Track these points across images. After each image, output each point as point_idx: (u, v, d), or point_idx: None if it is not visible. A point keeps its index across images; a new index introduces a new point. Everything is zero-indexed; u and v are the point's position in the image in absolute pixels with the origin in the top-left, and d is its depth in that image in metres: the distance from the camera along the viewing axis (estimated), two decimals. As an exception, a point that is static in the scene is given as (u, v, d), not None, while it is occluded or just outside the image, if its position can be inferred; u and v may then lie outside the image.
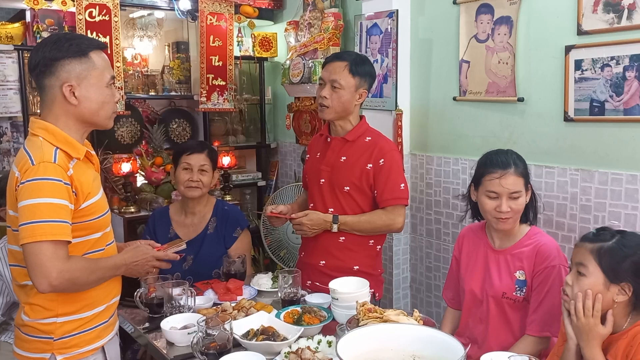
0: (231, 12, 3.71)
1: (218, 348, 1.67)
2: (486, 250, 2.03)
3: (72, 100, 1.63)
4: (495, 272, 1.98)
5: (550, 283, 1.88)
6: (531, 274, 1.92)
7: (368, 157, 2.31)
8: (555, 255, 1.90)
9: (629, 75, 2.16)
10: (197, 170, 2.52)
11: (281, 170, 4.23)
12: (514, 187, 1.91)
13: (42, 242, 1.51)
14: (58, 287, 1.55)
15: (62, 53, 1.62)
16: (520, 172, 1.94)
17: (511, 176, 1.91)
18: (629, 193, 2.21)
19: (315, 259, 2.40)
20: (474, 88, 2.74)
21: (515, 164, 1.94)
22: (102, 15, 3.21)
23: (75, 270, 1.57)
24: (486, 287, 1.99)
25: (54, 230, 1.52)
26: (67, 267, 1.54)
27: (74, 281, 1.58)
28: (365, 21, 3.17)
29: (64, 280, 1.54)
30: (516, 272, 1.94)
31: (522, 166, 1.96)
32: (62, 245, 1.55)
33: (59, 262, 1.52)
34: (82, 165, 1.68)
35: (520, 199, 1.92)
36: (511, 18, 2.54)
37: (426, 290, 3.14)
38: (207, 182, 2.55)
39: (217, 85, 3.72)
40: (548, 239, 1.97)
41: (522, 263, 1.94)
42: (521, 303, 1.93)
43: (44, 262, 1.51)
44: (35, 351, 1.65)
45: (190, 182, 2.51)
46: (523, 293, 1.92)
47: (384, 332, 1.50)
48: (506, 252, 1.98)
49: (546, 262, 1.89)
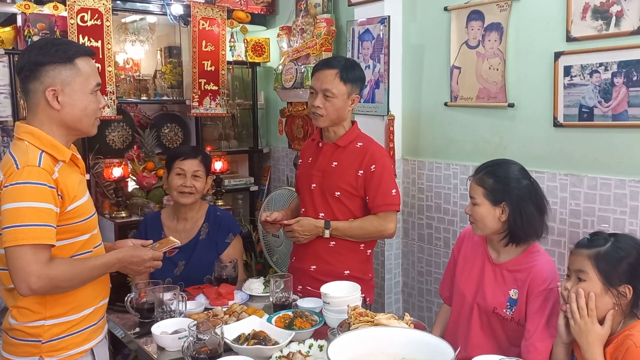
0: (224, 17, 3.72)
1: (209, 353, 1.67)
2: (484, 260, 2.01)
3: (54, 105, 1.63)
4: (489, 285, 1.96)
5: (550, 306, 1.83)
6: (525, 297, 1.87)
7: (359, 163, 2.32)
8: (553, 277, 1.86)
9: (617, 81, 2.19)
10: (190, 176, 2.51)
11: (273, 175, 4.23)
12: (472, 192, 1.95)
13: (23, 246, 1.51)
14: (38, 290, 1.55)
15: (48, 58, 1.62)
16: (479, 182, 1.93)
17: (472, 183, 1.96)
18: (618, 197, 2.23)
19: (306, 264, 2.40)
20: (465, 94, 2.76)
21: (488, 174, 1.93)
22: (94, 20, 3.20)
23: (57, 274, 1.57)
24: (478, 298, 1.98)
25: (35, 234, 1.52)
26: (46, 271, 1.54)
27: (56, 284, 1.58)
28: (358, 27, 3.19)
29: (44, 284, 1.54)
30: (510, 290, 1.91)
31: (490, 180, 1.92)
32: (43, 249, 1.55)
33: (39, 266, 1.52)
34: (68, 169, 1.68)
35: (475, 207, 1.92)
36: (501, 24, 2.56)
37: (418, 294, 3.15)
38: (200, 188, 2.54)
39: (210, 90, 3.72)
40: (546, 261, 1.91)
41: (517, 283, 1.90)
42: (509, 321, 1.91)
43: (24, 266, 1.51)
44: (24, 355, 1.65)
45: (184, 187, 2.50)
46: (512, 312, 1.89)
47: (375, 335, 1.50)
48: (503, 267, 1.94)
49: (544, 285, 1.84)
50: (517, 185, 1.90)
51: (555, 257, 2.41)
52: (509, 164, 1.98)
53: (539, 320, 1.82)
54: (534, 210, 1.89)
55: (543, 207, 1.93)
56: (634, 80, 2.14)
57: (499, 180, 1.91)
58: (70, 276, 1.61)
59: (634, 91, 2.15)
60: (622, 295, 1.58)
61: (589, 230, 2.29)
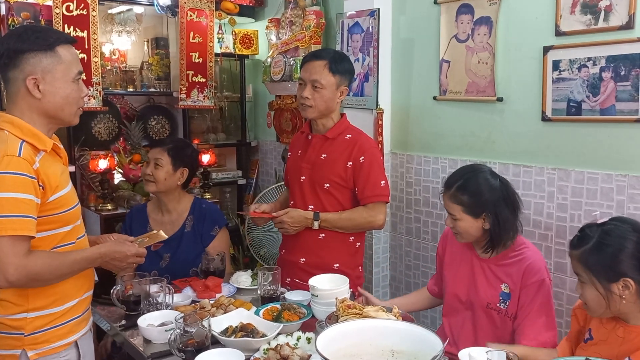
0: (212, 8, 3.68)
1: (196, 345, 1.65)
2: (471, 257, 2.01)
3: (35, 94, 1.60)
4: (480, 281, 1.96)
5: (540, 297, 1.85)
6: (518, 290, 1.88)
7: (348, 155, 2.31)
8: (543, 270, 1.87)
9: (605, 76, 2.20)
10: (152, 164, 2.50)
11: (262, 168, 4.21)
12: (450, 209, 1.95)
13: (1, 237, 1.48)
14: (16, 283, 1.52)
15: (28, 45, 1.59)
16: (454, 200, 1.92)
17: (446, 199, 1.96)
18: (605, 192, 2.25)
19: (295, 256, 2.39)
20: (454, 88, 2.77)
21: (460, 190, 1.91)
22: (80, 10, 3.15)
23: (35, 266, 1.54)
24: (471, 295, 1.98)
25: (14, 225, 1.49)
26: (24, 263, 1.51)
27: (35, 277, 1.55)
28: (347, 20, 3.18)
29: (22, 276, 1.51)
30: (502, 285, 1.92)
31: (464, 197, 1.90)
32: (21, 241, 1.52)
33: (16, 258, 1.50)
34: (50, 159, 1.65)
35: (457, 221, 1.93)
36: (491, 18, 2.56)
37: (405, 288, 3.15)
38: (160, 177, 2.48)
39: (197, 82, 3.69)
40: (533, 253, 1.92)
41: (508, 278, 1.91)
42: (504, 315, 1.92)
43: (1, 257, 1.48)
44: (6, 347, 1.62)
45: (144, 175, 2.52)
46: (506, 306, 1.90)
47: (363, 328, 1.50)
48: (491, 262, 1.96)
49: (535, 277, 1.86)
50: (491, 194, 1.90)
51: (543, 250, 2.42)
52: (477, 174, 1.95)
53: (529, 309, 1.85)
54: (509, 214, 1.90)
55: (516, 205, 1.93)
56: (622, 75, 2.15)
57: (473, 195, 1.90)
58: (50, 269, 1.58)
59: (622, 86, 2.16)
60: (626, 288, 1.47)
61: (575, 224, 2.31)
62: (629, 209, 2.18)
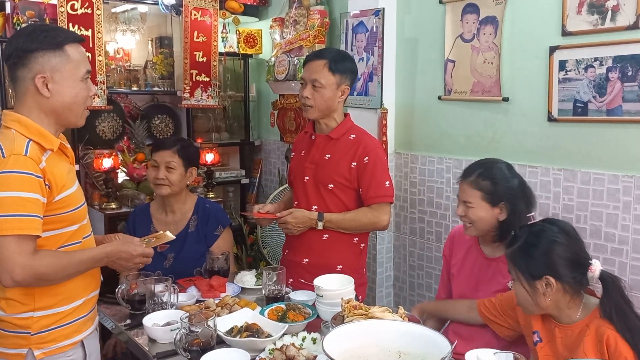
0: (216, 7, 3.68)
1: (201, 345, 1.64)
2: (477, 257, 2.02)
3: (44, 93, 1.60)
4: (486, 281, 1.97)
5: None
6: None
7: (352, 155, 2.30)
8: None
9: (612, 76, 2.19)
10: (163, 168, 2.47)
11: (265, 168, 4.20)
12: (466, 196, 1.95)
13: (7, 237, 1.48)
14: (22, 282, 1.52)
15: (36, 44, 1.58)
16: (475, 185, 1.92)
17: (464, 186, 1.96)
18: (611, 192, 2.24)
19: (299, 257, 2.38)
20: (459, 87, 2.76)
21: (482, 176, 1.92)
22: (85, 8, 3.15)
23: (41, 266, 1.53)
24: (478, 295, 1.98)
25: (20, 225, 1.49)
26: (30, 263, 1.50)
27: (40, 276, 1.55)
28: (351, 19, 3.17)
29: (28, 275, 1.51)
30: (509, 282, 1.92)
31: (486, 182, 1.92)
32: (27, 240, 1.51)
33: (22, 257, 1.49)
34: (56, 158, 1.64)
35: (472, 209, 1.93)
36: (496, 18, 2.55)
37: (409, 288, 3.14)
38: (175, 180, 2.48)
39: (201, 81, 3.69)
40: None
41: None
42: None
43: (7, 257, 1.48)
44: (12, 346, 1.61)
45: (156, 179, 2.48)
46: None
47: (370, 328, 1.49)
48: (498, 260, 1.95)
49: None
50: (511, 185, 1.93)
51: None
52: (498, 164, 1.98)
53: None
54: (524, 207, 1.91)
55: (532, 202, 1.95)
56: (629, 75, 2.14)
57: (495, 182, 1.92)
58: (55, 269, 1.57)
59: (629, 86, 2.15)
60: (549, 287, 1.56)
61: (581, 225, 2.30)
62: (636, 210, 2.17)
